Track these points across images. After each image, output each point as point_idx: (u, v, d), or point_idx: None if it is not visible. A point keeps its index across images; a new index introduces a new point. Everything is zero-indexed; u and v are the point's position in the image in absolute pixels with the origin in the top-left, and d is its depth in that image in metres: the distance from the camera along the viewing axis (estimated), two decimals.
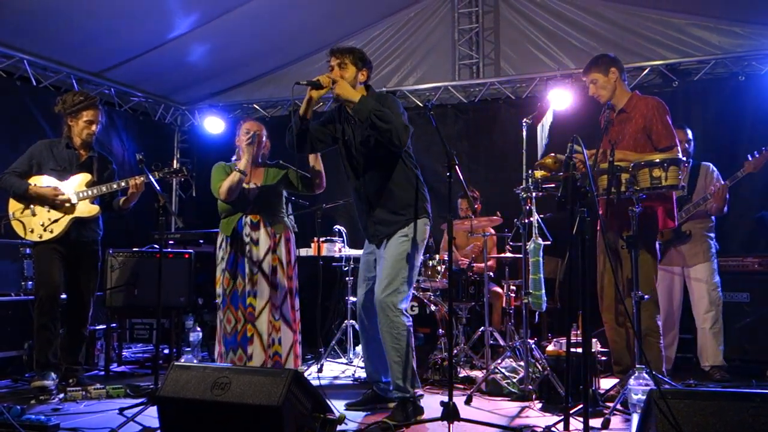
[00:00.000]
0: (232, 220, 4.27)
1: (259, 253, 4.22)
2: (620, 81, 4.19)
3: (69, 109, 4.52)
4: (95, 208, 4.55)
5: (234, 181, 4.18)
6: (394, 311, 3.61)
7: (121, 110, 7.35)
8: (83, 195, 4.48)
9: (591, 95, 4.27)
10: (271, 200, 4.32)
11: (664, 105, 4.08)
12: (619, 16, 6.57)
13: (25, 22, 5.62)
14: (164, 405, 2.94)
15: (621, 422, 3.50)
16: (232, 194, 4.20)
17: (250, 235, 4.23)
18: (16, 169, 4.47)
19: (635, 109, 4.11)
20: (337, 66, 3.65)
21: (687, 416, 2.42)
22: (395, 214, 3.72)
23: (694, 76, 6.31)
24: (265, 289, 4.19)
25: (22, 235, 4.43)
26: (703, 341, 4.98)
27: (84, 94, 4.64)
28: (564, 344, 3.89)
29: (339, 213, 7.06)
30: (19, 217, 4.42)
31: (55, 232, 4.42)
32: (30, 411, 3.65)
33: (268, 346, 4.14)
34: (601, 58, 4.26)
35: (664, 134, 3.96)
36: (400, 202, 3.72)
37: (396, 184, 3.72)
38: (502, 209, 5.83)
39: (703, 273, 4.99)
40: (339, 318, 6.16)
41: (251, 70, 7.70)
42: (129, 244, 5.76)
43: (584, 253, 2.95)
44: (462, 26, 7.24)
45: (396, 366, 3.64)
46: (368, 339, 3.93)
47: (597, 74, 4.18)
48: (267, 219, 4.27)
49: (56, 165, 4.52)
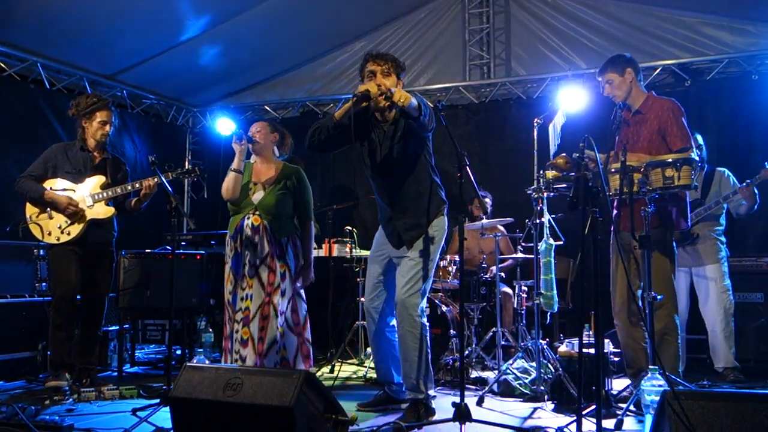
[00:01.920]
0: (236, 219, 4.19)
1: (257, 256, 4.08)
2: (636, 82, 4.13)
3: (83, 111, 4.57)
4: (111, 210, 4.59)
5: (229, 180, 4.13)
6: (417, 311, 3.65)
7: (134, 112, 7.39)
8: (98, 197, 4.53)
9: (606, 95, 4.22)
10: (275, 204, 4.17)
11: (679, 107, 4.03)
12: (630, 16, 6.54)
13: (39, 25, 5.67)
14: (177, 405, 2.94)
15: (634, 423, 3.48)
16: (230, 194, 4.15)
17: (249, 237, 4.10)
18: (32, 173, 4.52)
19: (650, 110, 4.06)
20: (381, 73, 3.61)
21: (701, 417, 2.40)
22: (419, 217, 3.74)
23: (707, 75, 6.26)
24: (259, 293, 4.05)
25: (40, 238, 4.48)
26: (715, 344, 4.94)
27: (97, 96, 4.69)
28: (576, 345, 3.87)
29: (350, 214, 7.08)
30: (36, 220, 4.47)
31: (72, 234, 4.47)
32: (44, 411, 3.68)
33: (260, 352, 4.00)
34: (617, 58, 4.21)
35: (679, 136, 3.91)
36: (424, 206, 3.74)
37: (421, 188, 3.75)
38: (514, 210, 5.82)
39: (712, 274, 4.95)
40: (350, 319, 6.16)
41: (262, 72, 7.72)
42: (141, 245, 5.79)
43: (597, 254, 2.94)
44: (473, 27, 7.23)
45: (413, 365, 3.66)
46: (380, 340, 3.92)
47: (613, 74, 4.13)
48: (270, 223, 4.12)
49: (71, 168, 4.56)
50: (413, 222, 3.73)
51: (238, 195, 4.16)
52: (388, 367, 3.95)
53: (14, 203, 4.66)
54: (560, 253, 4.50)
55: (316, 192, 6.92)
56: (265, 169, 4.31)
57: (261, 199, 4.18)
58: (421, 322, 3.67)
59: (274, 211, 4.15)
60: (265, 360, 3.98)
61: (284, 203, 4.21)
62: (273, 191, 4.20)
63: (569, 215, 4.88)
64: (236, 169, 4.14)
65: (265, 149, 4.32)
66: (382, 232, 3.92)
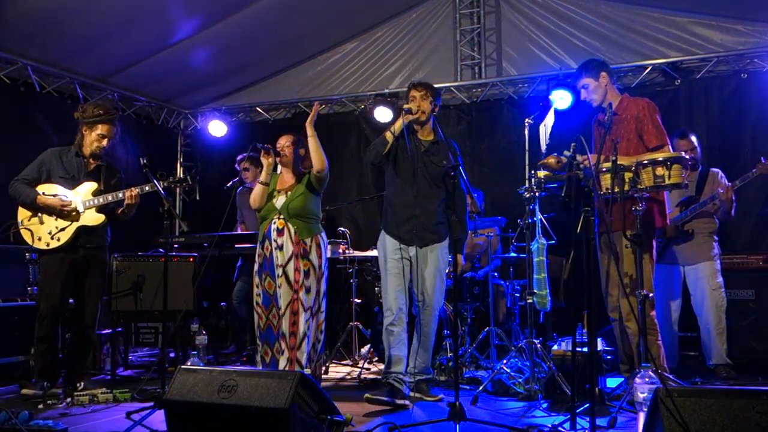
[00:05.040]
0: (264, 226, 4.42)
1: (283, 258, 4.30)
2: (610, 84, 4.25)
3: (87, 119, 4.58)
4: (101, 217, 4.58)
5: (256, 192, 4.43)
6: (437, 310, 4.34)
7: (125, 115, 7.36)
8: (89, 204, 4.53)
9: (583, 100, 4.33)
10: (297, 207, 4.37)
11: (653, 105, 4.13)
12: (620, 15, 6.58)
13: (29, 28, 5.65)
14: (171, 408, 2.94)
15: (627, 421, 3.50)
16: (257, 204, 4.44)
17: (275, 240, 4.33)
18: (26, 177, 4.50)
19: (626, 110, 4.16)
20: (420, 97, 4.33)
21: (694, 414, 2.41)
22: (441, 223, 4.34)
23: (696, 74, 6.30)
24: (287, 291, 4.26)
25: (30, 243, 4.47)
26: (708, 341, 4.97)
27: (104, 108, 4.67)
28: (569, 343, 3.89)
29: (342, 215, 7.08)
30: (27, 225, 4.46)
31: (61, 240, 4.46)
32: (38, 416, 3.65)
33: (291, 346, 4.18)
34: (590, 62, 4.31)
35: (654, 134, 4.01)
36: (442, 215, 4.36)
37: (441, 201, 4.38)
38: (506, 209, 5.83)
39: (705, 272, 4.98)
40: (343, 320, 6.16)
41: (253, 74, 7.72)
42: (133, 248, 5.77)
43: (589, 252, 2.96)
44: (464, 27, 7.25)
45: (428, 354, 4.36)
46: (405, 336, 4.31)
47: (588, 79, 4.24)
48: (293, 225, 4.34)
49: (65, 173, 4.55)
50: (431, 224, 4.33)
51: (264, 204, 4.43)
52: (401, 360, 4.28)
53: (4, 206, 4.62)
54: (553, 252, 4.51)
55: None
56: (288, 179, 4.54)
57: (284, 203, 4.40)
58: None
59: (297, 213, 4.37)
60: (297, 353, 4.16)
61: (306, 203, 4.41)
62: (294, 195, 4.41)
63: (561, 214, 4.92)
64: (264, 181, 4.43)
65: (291, 163, 4.54)
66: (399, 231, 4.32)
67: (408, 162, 4.32)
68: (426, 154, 4.37)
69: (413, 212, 4.29)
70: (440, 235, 4.34)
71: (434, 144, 4.41)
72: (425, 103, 4.34)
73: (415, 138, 4.40)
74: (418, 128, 4.42)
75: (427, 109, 4.34)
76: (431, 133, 4.46)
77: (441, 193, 4.37)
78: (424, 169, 4.33)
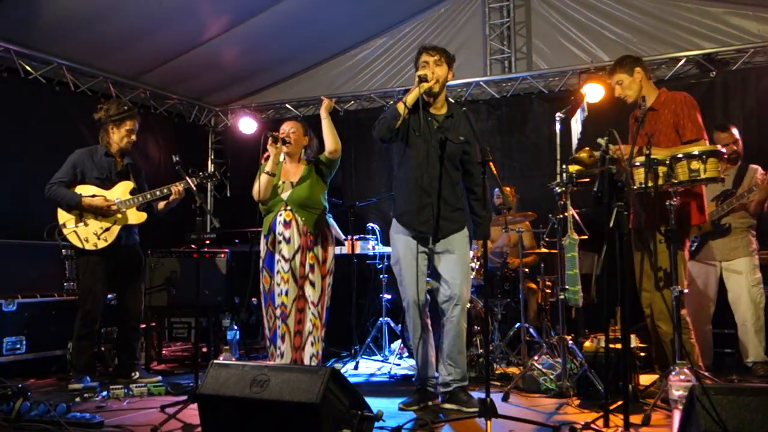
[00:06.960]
0: (269, 218, 4.29)
1: (290, 251, 4.18)
2: (646, 80, 4.16)
3: (114, 117, 4.65)
4: (143, 215, 4.69)
5: (262, 182, 4.21)
6: (466, 305, 3.88)
7: (156, 113, 7.46)
8: (130, 203, 4.62)
9: (617, 96, 4.24)
10: (305, 197, 4.24)
11: (691, 99, 4.05)
12: (653, 6, 6.46)
13: (63, 28, 5.75)
14: (204, 402, 2.98)
15: (662, 418, 3.44)
16: (261, 195, 4.23)
17: (282, 233, 4.20)
18: (62, 179, 4.57)
19: (664, 105, 4.08)
20: (434, 63, 3.83)
21: (731, 412, 2.37)
22: (459, 210, 3.89)
23: (732, 65, 6.16)
24: (293, 287, 4.16)
25: (79, 246, 4.55)
26: (745, 338, 4.88)
27: (127, 104, 4.80)
28: (602, 340, 3.85)
29: (372, 211, 7.08)
30: (74, 228, 4.55)
31: (108, 240, 4.57)
32: (75, 409, 3.73)
33: (297, 346, 4.13)
34: (625, 58, 4.24)
35: (689, 128, 3.93)
36: (461, 199, 3.92)
37: (459, 183, 3.92)
38: (537, 205, 5.78)
39: (743, 267, 4.87)
40: (373, 315, 6.17)
41: (282, 71, 7.76)
42: (166, 244, 5.85)
43: (622, 248, 2.92)
44: (493, 21, 7.19)
45: (463, 356, 3.86)
46: (426, 336, 3.94)
47: (622, 75, 4.16)
48: (301, 216, 4.21)
49: (98, 173, 4.64)
50: (449, 213, 3.86)
51: (269, 196, 4.25)
52: (431, 362, 3.95)
53: (39, 204, 4.69)
54: (585, 248, 4.45)
55: (337, 191, 6.96)
56: (293, 169, 4.38)
57: (290, 194, 4.26)
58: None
59: (303, 203, 4.23)
60: (302, 352, 4.10)
61: (312, 192, 4.27)
62: (301, 184, 4.28)
63: (593, 209, 4.85)
64: (270, 171, 4.22)
65: (297, 151, 4.38)
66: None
67: (420, 140, 3.80)
68: (440, 130, 3.82)
69: (428, 199, 3.78)
70: (460, 224, 3.86)
71: (448, 118, 3.87)
72: (440, 69, 3.83)
73: (426, 113, 3.84)
74: (430, 100, 3.85)
75: (441, 76, 3.82)
76: (444, 105, 3.92)
77: (459, 175, 3.89)
78: (439, 147, 3.78)
